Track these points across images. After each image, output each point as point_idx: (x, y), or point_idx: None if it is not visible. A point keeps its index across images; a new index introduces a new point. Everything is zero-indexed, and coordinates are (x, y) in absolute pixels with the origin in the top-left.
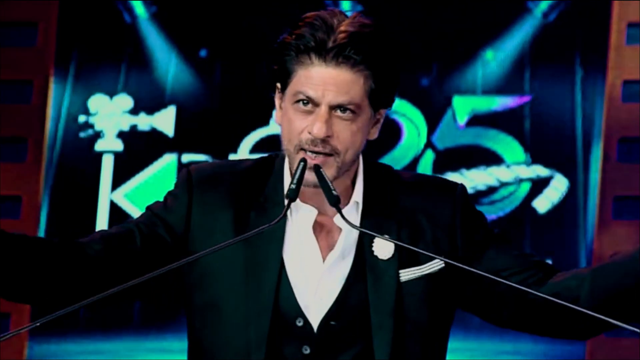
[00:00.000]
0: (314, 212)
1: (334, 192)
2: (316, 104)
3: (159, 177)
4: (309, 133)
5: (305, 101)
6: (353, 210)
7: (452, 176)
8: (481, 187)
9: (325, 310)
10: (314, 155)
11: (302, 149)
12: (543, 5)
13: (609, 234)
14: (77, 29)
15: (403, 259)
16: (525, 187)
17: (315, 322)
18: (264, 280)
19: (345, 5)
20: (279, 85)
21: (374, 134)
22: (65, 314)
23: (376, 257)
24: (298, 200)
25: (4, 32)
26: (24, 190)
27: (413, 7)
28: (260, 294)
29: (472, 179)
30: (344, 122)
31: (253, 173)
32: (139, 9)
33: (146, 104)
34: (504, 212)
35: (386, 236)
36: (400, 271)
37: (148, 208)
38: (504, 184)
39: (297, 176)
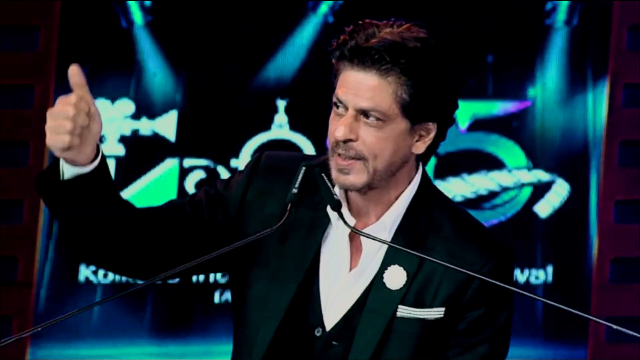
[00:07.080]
0: (352, 221)
1: (335, 196)
2: (346, 107)
3: (160, 182)
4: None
5: (338, 105)
6: (380, 230)
7: (453, 181)
8: (482, 191)
9: (331, 326)
10: (342, 158)
11: (334, 152)
12: (545, 11)
13: (611, 238)
14: (79, 33)
15: (409, 295)
16: (527, 192)
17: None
18: (293, 281)
19: (324, 7)
20: None
21: (420, 148)
22: (66, 319)
23: (384, 284)
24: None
25: (5, 36)
26: (25, 195)
27: (415, 11)
28: (284, 294)
29: (473, 183)
30: (370, 127)
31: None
32: (142, 14)
33: (148, 108)
34: (505, 216)
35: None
36: (399, 306)
37: (214, 184)
38: (505, 189)
39: (298, 181)
